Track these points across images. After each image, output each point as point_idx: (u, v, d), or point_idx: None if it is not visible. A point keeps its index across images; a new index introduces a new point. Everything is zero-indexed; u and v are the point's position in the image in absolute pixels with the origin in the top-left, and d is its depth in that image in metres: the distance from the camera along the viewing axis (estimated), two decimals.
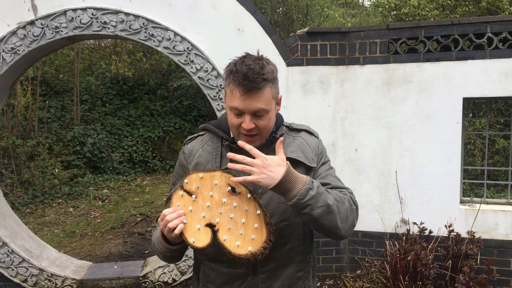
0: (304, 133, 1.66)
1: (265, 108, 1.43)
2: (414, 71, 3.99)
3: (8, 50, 3.82)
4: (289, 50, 4.08)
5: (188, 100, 12.30)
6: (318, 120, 4.15)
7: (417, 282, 3.57)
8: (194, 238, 1.39)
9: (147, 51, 12.41)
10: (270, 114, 1.48)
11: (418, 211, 4.08)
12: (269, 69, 1.44)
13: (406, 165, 4.09)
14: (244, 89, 1.40)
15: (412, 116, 4.03)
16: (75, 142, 9.91)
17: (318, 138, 1.67)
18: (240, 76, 1.40)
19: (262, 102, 1.42)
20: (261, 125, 1.46)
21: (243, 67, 1.41)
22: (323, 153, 1.65)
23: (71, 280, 4.25)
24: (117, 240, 6.22)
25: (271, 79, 1.44)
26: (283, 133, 1.62)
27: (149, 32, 3.90)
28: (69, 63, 11.41)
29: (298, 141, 1.62)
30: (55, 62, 11.36)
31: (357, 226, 4.21)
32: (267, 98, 1.43)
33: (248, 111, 1.43)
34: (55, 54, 11.29)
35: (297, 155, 1.56)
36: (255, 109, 1.42)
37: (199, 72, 3.98)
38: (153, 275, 4.31)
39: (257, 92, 1.40)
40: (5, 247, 4.06)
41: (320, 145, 1.66)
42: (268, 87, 1.43)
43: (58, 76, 11.27)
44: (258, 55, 1.49)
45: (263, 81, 1.40)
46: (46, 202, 8.02)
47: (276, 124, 1.60)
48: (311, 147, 1.62)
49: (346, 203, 1.50)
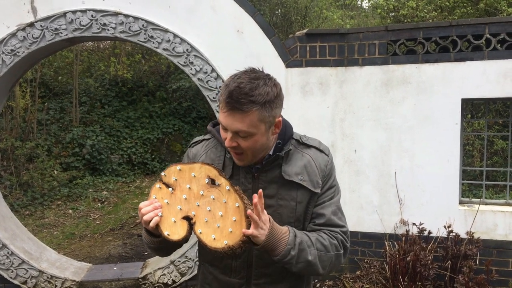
0: (314, 150, 1.56)
1: (247, 130, 1.35)
2: (413, 72, 4.00)
3: (7, 52, 3.83)
4: (288, 52, 4.09)
5: (187, 102, 12.30)
6: (317, 121, 4.16)
7: (416, 282, 3.57)
8: (169, 231, 1.40)
9: (146, 53, 12.42)
10: (257, 138, 1.38)
11: (417, 212, 4.08)
12: (263, 91, 1.33)
13: (405, 166, 4.10)
14: (227, 107, 1.33)
15: (411, 117, 4.04)
16: (74, 144, 9.91)
17: (328, 156, 1.57)
18: (226, 92, 1.34)
19: (245, 124, 1.33)
20: (245, 146, 1.39)
21: (234, 83, 1.33)
22: (330, 175, 1.56)
23: (71, 281, 4.25)
24: (117, 242, 6.22)
25: (261, 102, 1.32)
26: (289, 149, 1.52)
27: (149, 33, 3.91)
28: (68, 65, 11.41)
29: (305, 160, 1.52)
30: (54, 64, 11.35)
31: (357, 227, 4.26)
32: (251, 121, 1.33)
33: (230, 129, 1.37)
34: (54, 56, 11.29)
35: (301, 178, 1.49)
36: (236, 129, 1.35)
37: (199, 73, 3.99)
38: (153, 277, 4.31)
39: (240, 113, 1.32)
40: (5, 249, 4.06)
41: (329, 165, 1.56)
42: (254, 110, 1.32)
43: (57, 78, 11.27)
44: (263, 72, 1.41)
45: (249, 103, 1.31)
46: (45, 204, 8.01)
47: (284, 138, 1.53)
48: (319, 167, 1.53)
49: (332, 250, 1.47)
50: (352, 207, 4.25)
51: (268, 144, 1.47)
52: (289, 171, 1.50)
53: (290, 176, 1.49)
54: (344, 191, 4.18)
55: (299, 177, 1.49)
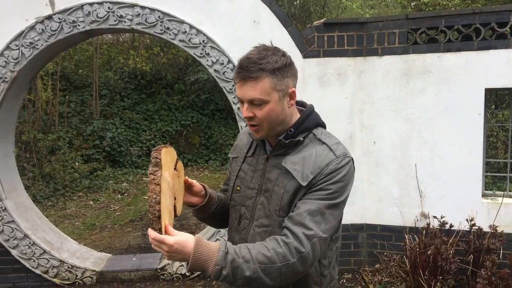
0: (324, 147, 1.47)
1: (260, 97, 1.39)
2: (434, 61, 3.90)
3: (27, 45, 3.87)
4: (306, 42, 4.03)
5: (205, 94, 12.32)
6: (335, 112, 4.10)
7: (437, 276, 3.50)
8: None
9: (165, 46, 12.46)
10: (271, 106, 1.41)
11: (438, 205, 4.00)
12: (271, 60, 1.39)
13: (426, 158, 4.01)
14: (239, 77, 1.41)
15: (432, 107, 3.95)
16: (95, 136, 10.04)
17: (336, 158, 1.43)
18: (238, 65, 1.42)
19: (257, 91, 1.39)
20: (260, 115, 1.42)
21: (244, 56, 1.42)
22: (331, 178, 1.41)
23: (91, 271, 4.31)
24: (136, 233, 6.28)
25: (270, 69, 1.38)
26: (299, 139, 1.49)
27: (165, 25, 3.90)
28: (88, 58, 11.54)
29: (309, 152, 1.47)
30: (74, 58, 11.50)
31: (376, 220, 4.19)
32: (263, 87, 1.38)
33: (244, 99, 1.42)
34: (75, 49, 11.43)
35: (293, 167, 1.45)
36: (249, 97, 1.40)
37: (215, 65, 3.97)
38: (171, 267, 4.34)
39: (251, 81, 1.38)
40: (27, 239, 4.14)
41: (334, 166, 1.42)
42: (265, 77, 1.38)
43: (78, 71, 11.41)
44: (271, 45, 1.47)
45: (259, 71, 1.37)
46: (67, 195, 8.15)
47: (298, 128, 1.50)
48: (318, 163, 1.43)
49: (279, 260, 1.34)
50: (371, 199, 4.18)
51: (285, 117, 1.48)
52: (289, 159, 1.48)
53: (286, 163, 1.48)
54: (362, 183, 4.12)
55: (292, 166, 1.46)
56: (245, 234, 1.58)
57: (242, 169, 1.64)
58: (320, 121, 1.57)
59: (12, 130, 4.39)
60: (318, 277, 1.54)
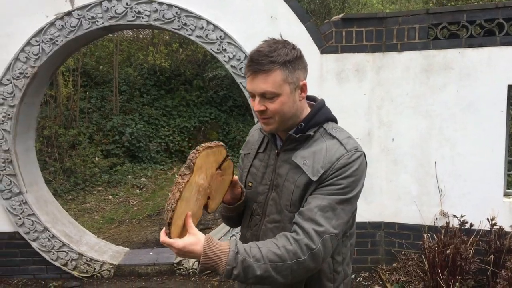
0: (334, 141, 1.44)
1: (272, 90, 1.38)
2: (456, 57, 3.82)
3: (47, 41, 3.93)
4: (323, 37, 3.99)
5: (223, 90, 12.34)
6: (353, 109, 4.05)
7: (456, 276, 3.44)
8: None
9: (183, 42, 12.51)
10: (283, 99, 1.40)
11: (458, 204, 3.92)
12: (282, 52, 1.38)
13: (446, 156, 3.93)
14: (250, 71, 1.40)
15: (453, 104, 3.86)
16: (114, 132, 10.16)
17: (347, 152, 1.41)
18: (248, 58, 1.42)
19: (268, 84, 1.38)
20: (272, 108, 1.41)
21: (254, 49, 1.41)
22: (343, 173, 1.38)
23: (108, 264, 4.37)
24: (154, 228, 6.34)
25: (281, 62, 1.37)
26: (310, 134, 1.47)
27: (182, 21, 3.90)
28: (109, 55, 11.67)
29: (319, 147, 1.45)
30: (95, 54, 11.65)
31: (394, 218, 4.14)
32: (274, 80, 1.37)
33: (256, 92, 1.41)
34: (95, 46, 11.58)
35: (302, 162, 1.44)
36: (261, 90, 1.39)
37: (232, 60, 3.96)
38: (188, 262, 4.36)
39: (262, 73, 1.37)
40: (46, 232, 4.22)
41: (344, 160, 1.39)
42: (276, 69, 1.37)
43: (98, 67, 11.55)
44: (281, 39, 1.46)
45: (270, 63, 1.36)
46: (86, 190, 8.28)
47: (309, 122, 1.48)
48: (328, 157, 1.40)
49: (290, 258, 1.33)
50: (389, 197, 4.13)
51: (296, 110, 1.46)
52: (299, 154, 1.47)
53: (296, 158, 1.46)
54: (380, 180, 4.07)
55: (302, 161, 1.44)
56: (257, 230, 1.57)
57: (253, 165, 1.63)
58: (330, 116, 1.55)
59: (33, 125, 4.47)
60: (331, 274, 1.52)
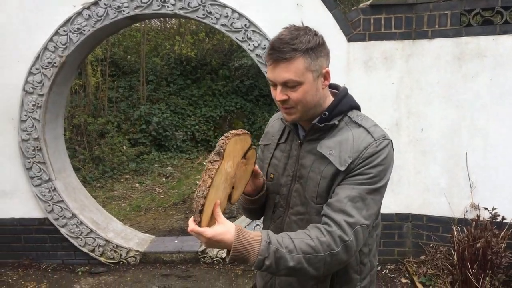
0: (361, 130, 1.40)
1: (295, 79, 1.33)
2: (489, 44, 3.67)
3: (74, 31, 3.97)
4: (351, 25, 3.90)
5: (249, 80, 12.31)
6: (381, 98, 3.95)
7: (486, 271, 3.33)
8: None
9: (210, 31, 12.51)
10: (306, 87, 1.35)
11: (489, 196, 3.79)
12: (304, 39, 1.32)
13: (478, 147, 3.80)
14: (271, 59, 1.34)
15: (485, 93, 3.72)
16: (142, 121, 10.29)
17: (375, 140, 1.36)
18: (269, 46, 1.36)
19: (291, 72, 1.32)
20: (294, 97, 1.36)
21: (275, 37, 1.36)
22: (371, 162, 1.34)
23: (134, 251, 4.44)
24: (179, 216, 6.41)
25: (304, 49, 1.32)
26: (335, 123, 1.42)
27: (207, 9, 3.88)
28: (136, 45, 11.80)
29: (345, 136, 1.40)
30: (123, 44, 11.79)
31: (422, 210, 4.04)
32: (297, 68, 1.32)
33: (277, 81, 1.36)
34: (123, 36, 11.71)
35: (329, 152, 1.39)
36: (283, 79, 1.34)
37: (257, 49, 3.92)
38: (212, 251, 4.39)
39: (284, 62, 1.32)
40: (75, 218, 4.31)
41: (373, 149, 1.35)
42: (298, 57, 1.32)
43: (126, 57, 11.70)
44: (302, 25, 1.41)
45: (292, 51, 1.31)
46: (114, 177, 8.44)
47: (332, 111, 1.43)
48: (356, 146, 1.36)
49: (323, 250, 1.29)
50: (416, 189, 4.03)
51: (319, 99, 1.42)
52: (324, 144, 1.42)
53: (321, 148, 1.42)
54: (408, 172, 3.97)
55: (329, 151, 1.39)
56: (281, 223, 1.54)
57: (275, 156, 1.59)
58: (354, 103, 1.49)
59: (61, 114, 4.55)
60: (357, 266, 1.49)
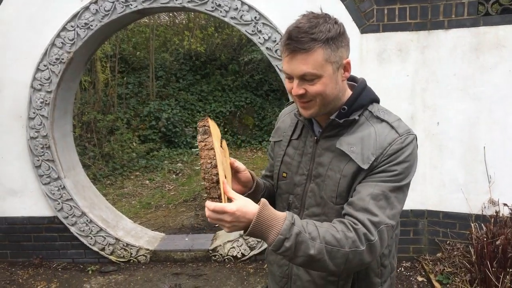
0: (384, 125, 1.31)
1: (313, 72, 1.22)
2: (509, 34, 3.53)
3: (81, 26, 3.91)
4: (364, 16, 3.78)
5: (259, 75, 12.22)
6: (395, 91, 3.84)
7: (507, 269, 3.22)
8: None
9: (219, 26, 12.43)
10: (325, 80, 1.25)
11: (509, 191, 3.67)
12: (324, 28, 1.22)
13: (497, 140, 3.68)
14: (288, 50, 1.23)
15: (504, 85, 3.59)
16: (151, 117, 10.26)
17: (399, 136, 1.27)
18: (286, 35, 1.24)
19: (309, 64, 1.21)
20: (313, 91, 1.25)
21: (293, 25, 1.24)
22: (395, 158, 1.25)
23: (145, 250, 4.39)
24: (189, 213, 6.36)
25: (323, 39, 1.21)
26: (355, 118, 1.33)
27: (216, 2, 3.78)
28: (145, 41, 11.76)
29: (367, 132, 1.31)
30: (132, 40, 11.76)
31: (438, 207, 3.92)
32: (315, 60, 1.21)
33: (294, 74, 1.25)
34: (132, 32, 11.68)
35: (352, 149, 1.29)
36: (301, 72, 1.23)
37: (267, 42, 3.82)
38: (223, 249, 4.32)
39: (302, 53, 1.21)
40: (84, 216, 4.27)
41: (398, 145, 1.26)
42: (318, 48, 1.20)
43: (135, 53, 11.67)
44: (321, 12, 1.30)
45: (311, 41, 1.20)
46: (124, 174, 8.42)
47: (352, 105, 1.34)
48: (379, 142, 1.27)
49: (348, 245, 1.19)
50: (433, 185, 3.91)
51: (338, 92, 1.32)
52: (344, 140, 1.32)
53: (341, 145, 1.32)
54: (424, 167, 3.86)
55: (350, 148, 1.30)
56: None
57: (287, 154, 1.49)
58: (374, 96, 1.39)
59: (70, 111, 4.50)
60: (378, 268, 1.40)
